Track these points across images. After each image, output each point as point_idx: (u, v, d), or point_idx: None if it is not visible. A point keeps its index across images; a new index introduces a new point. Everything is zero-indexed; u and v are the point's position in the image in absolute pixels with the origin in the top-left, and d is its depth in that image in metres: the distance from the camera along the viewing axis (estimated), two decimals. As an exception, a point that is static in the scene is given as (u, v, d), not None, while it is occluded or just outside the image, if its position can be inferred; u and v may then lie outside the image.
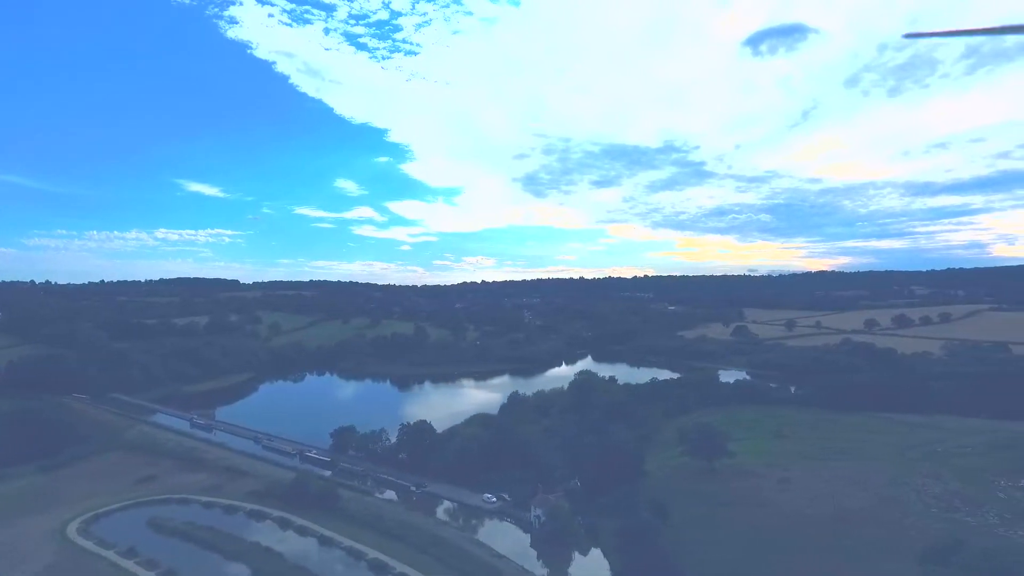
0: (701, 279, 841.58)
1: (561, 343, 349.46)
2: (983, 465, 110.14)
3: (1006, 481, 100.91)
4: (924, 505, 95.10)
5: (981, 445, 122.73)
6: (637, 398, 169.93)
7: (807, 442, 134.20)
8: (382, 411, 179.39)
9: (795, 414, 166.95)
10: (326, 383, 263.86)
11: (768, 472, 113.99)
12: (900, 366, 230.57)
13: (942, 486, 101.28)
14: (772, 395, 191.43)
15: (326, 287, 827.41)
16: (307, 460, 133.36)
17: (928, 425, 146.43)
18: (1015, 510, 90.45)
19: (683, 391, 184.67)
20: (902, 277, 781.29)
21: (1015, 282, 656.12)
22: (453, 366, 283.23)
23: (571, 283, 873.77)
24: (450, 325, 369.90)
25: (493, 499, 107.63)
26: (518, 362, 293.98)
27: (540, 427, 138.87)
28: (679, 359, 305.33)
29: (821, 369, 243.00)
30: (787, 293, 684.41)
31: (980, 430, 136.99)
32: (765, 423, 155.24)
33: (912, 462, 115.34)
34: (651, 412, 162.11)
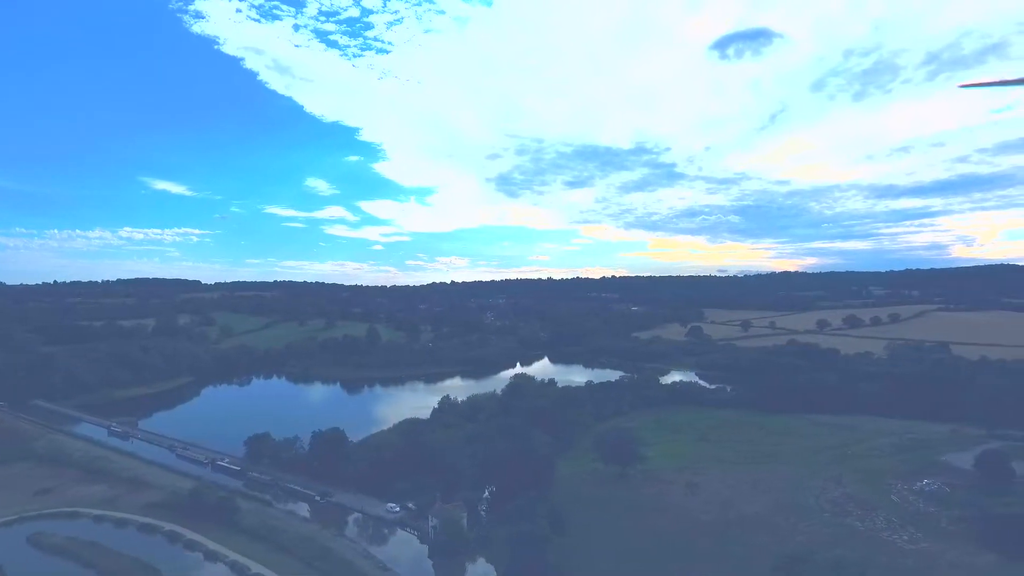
0: (667, 280, 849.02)
1: (516, 345, 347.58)
2: (886, 467, 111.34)
3: (902, 484, 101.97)
4: (819, 510, 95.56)
5: (889, 447, 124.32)
6: (568, 402, 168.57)
7: (727, 445, 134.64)
8: (316, 416, 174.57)
9: (726, 416, 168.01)
10: (270, 387, 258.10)
11: (678, 477, 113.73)
12: (838, 367, 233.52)
13: (841, 490, 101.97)
14: (708, 397, 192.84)
15: (292, 288, 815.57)
16: (219, 469, 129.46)
17: (848, 427, 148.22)
18: (903, 514, 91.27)
19: (619, 394, 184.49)
20: (863, 278, 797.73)
21: (970, 282, 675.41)
22: (403, 368, 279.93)
23: (540, 284, 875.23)
24: (406, 327, 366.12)
25: (396, 508, 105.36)
26: (470, 364, 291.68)
27: (463, 433, 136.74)
28: (631, 360, 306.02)
29: (764, 370, 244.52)
30: (751, 294, 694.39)
31: (894, 431, 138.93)
32: (694, 425, 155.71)
33: (821, 465, 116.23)
34: (582, 415, 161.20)
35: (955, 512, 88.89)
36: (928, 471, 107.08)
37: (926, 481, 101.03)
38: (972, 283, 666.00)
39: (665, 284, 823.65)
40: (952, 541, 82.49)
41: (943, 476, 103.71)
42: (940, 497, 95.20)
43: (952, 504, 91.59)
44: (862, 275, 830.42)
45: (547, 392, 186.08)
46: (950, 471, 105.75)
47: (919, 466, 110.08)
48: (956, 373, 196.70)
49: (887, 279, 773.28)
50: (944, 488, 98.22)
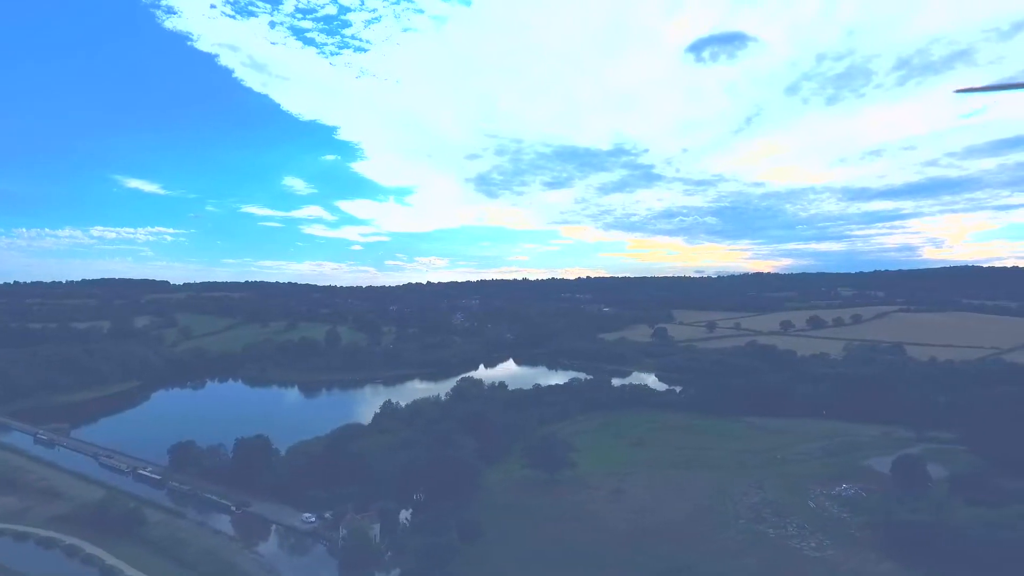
0: (642, 280, 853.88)
1: (480, 346, 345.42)
2: (810, 472, 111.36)
3: (822, 489, 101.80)
4: (735, 516, 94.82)
5: (818, 451, 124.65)
6: (513, 406, 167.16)
7: (662, 450, 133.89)
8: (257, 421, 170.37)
9: (671, 419, 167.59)
10: (222, 391, 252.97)
11: (605, 483, 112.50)
12: (791, 368, 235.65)
13: (761, 496, 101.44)
14: (657, 400, 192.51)
15: (264, 288, 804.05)
16: (140, 479, 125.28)
17: (784, 430, 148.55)
18: (816, 521, 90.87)
19: (566, 397, 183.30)
20: (834, 279, 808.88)
21: (934, 283, 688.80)
22: (362, 371, 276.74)
23: (515, 284, 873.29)
24: (368, 328, 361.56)
25: (312, 519, 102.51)
26: (431, 366, 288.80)
27: (398, 439, 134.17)
28: (593, 362, 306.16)
29: (718, 372, 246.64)
30: (723, 295, 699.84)
31: (829, 434, 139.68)
32: (636, 429, 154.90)
33: (749, 469, 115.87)
34: (526, 420, 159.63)
35: (865, 518, 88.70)
36: (849, 476, 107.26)
37: (844, 486, 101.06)
38: (937, 284, 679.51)
39: (639, 285, 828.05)
40: (857, 548, 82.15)
41: (862, 481, 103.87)
42: (855, 503, 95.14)
43: (864, 510, 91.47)
44: (833, 276, 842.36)
45: (496, 395, 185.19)
46: (870, 476, 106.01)
47: (842, 471, 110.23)
48: (900, 374, 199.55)
49: (856, 280, 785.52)
50: (860, 493, 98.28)
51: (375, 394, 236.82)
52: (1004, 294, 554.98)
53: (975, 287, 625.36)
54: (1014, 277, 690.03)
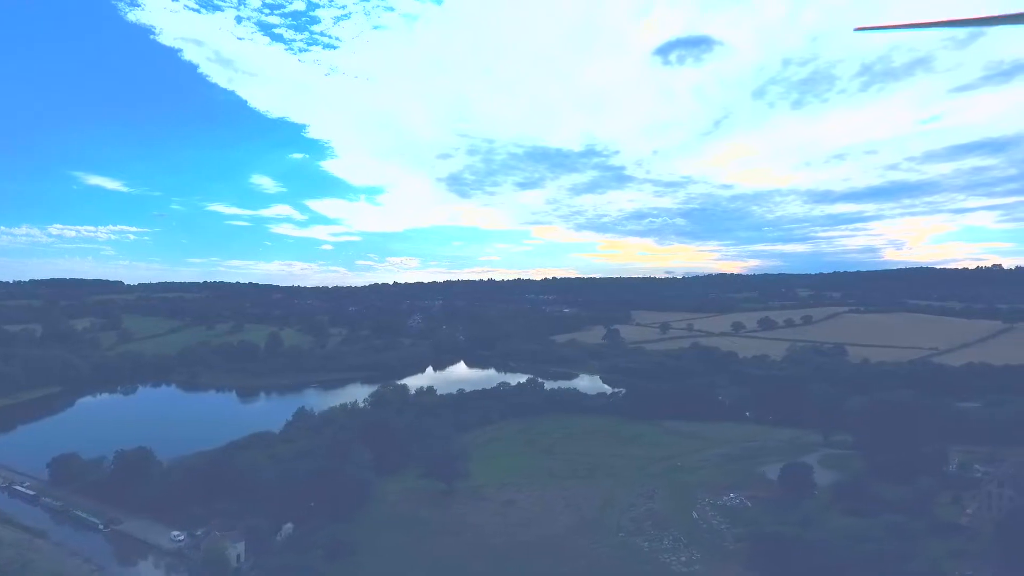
0: (608, 281, 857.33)
1: (430, 349, 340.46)
2: (705, 480, 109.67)
3: (710, 498, 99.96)
4: (616, 529, 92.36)
5: (720, 457, 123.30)
6: (432, 411, 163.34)
7: (569, 458, 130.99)
8: (166, 430, 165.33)
9: (592, 424, 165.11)
10: (153, 397, 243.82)
11: (499, 495, 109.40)
12: (728, 370, 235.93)
13: (647, 506, 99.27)
14: (586, 403, 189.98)
15: (223, 288, 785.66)
16: (15, 494, 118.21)
17: (698, 434, 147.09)
18: (694, 532, 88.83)
19: (491, 402, 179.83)
20: (796, 280, 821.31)
21: (889, 284, 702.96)
22: (301, 375, 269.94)
23: (482, 285, 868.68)
24: (315, 331, 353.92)
25: (182, 537, 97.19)
26: (373, 370, 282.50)
27: (296, 449, 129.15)
28: (540, 364, 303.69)
29: (659, 374, 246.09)
30: (687, 295, 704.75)
31: (739, 438, 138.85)
32: (551, 435, 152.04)
33: (646, 478, 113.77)
34: (443, 426, 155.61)
35: (741, 530, 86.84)
36: (742, 484, 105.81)
37: (731, 495, 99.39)
38: (893, 285, 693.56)
39: (605, 286, 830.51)
40: (725, 562, 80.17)
41: (752, 489, 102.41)
42: (736, 513, 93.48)
43: (743, 521, 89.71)
44: (795, 277, 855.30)
45: (421, 401, 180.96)
46: (761, 483, 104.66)
47: (736, 478, 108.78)
48: (822, 377, 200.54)
49: (817, 281, 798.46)
50: (745, 503, 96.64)
51: (306, 399, 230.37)
52: (956, 295, 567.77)
53: (930, 288, 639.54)
54: (967, 278, 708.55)
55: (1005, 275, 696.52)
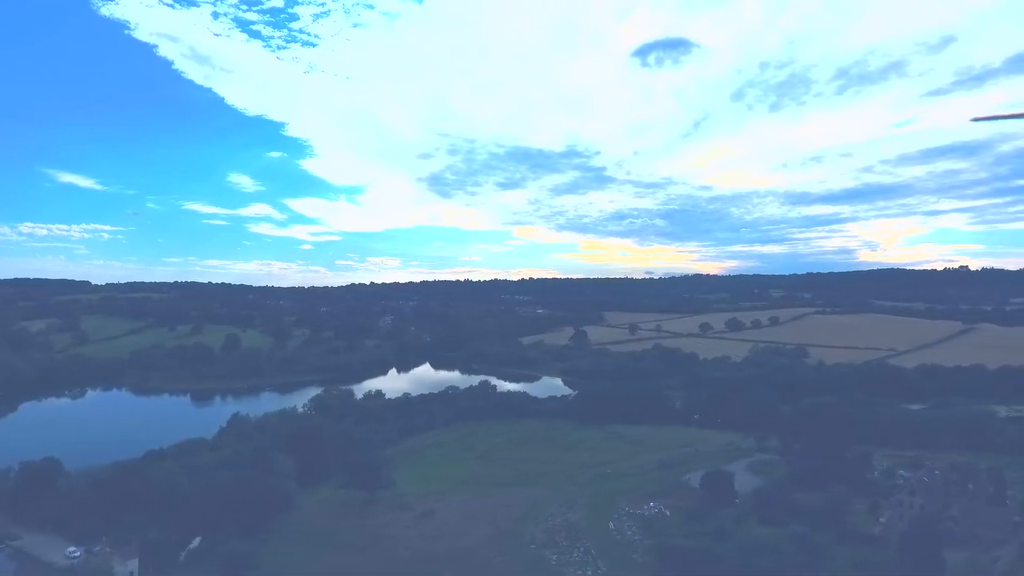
0: (586, 282, 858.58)
1: (394, 350, 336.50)
2: (631, 487, 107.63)
3: (631, 507, 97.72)
4: (529, 541, 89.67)
5: (653, 464, 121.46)
6: (374, 416, 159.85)
7: (502, 465, 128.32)
8: (102, 435, 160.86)
9: (536, 428, 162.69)
10: (102, 401, 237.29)
11: (421, 504, 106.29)
12: (685, 372, 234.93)
13: (567, 516, 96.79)
14: (536, 407, 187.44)
15: (195, 288, 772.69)
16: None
17: (642, 439, 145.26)
18: (605, 544, 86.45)
19: (439, 406, 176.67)
20: (768, 280, 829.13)
21: (865, 285, 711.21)
22: (258, 377, 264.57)
23: (460, 285, 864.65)
24: (277, 332, 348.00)
25: (77, 553, 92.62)
26: (332, 372, 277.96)
27: (219, 458, 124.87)
28: (504, 366, 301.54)
29: (620, 376, 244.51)
30: (661, 295, 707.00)
31: (679, 443, 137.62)
32: (492, 440, 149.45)
33: (574, 486, 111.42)
34: (384, 432, 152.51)
35: (653, 541, 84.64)
36: (666, 491, 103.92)
37: (651, 504, 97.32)
38: (865, 286, 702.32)
39: (582, 286, 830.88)
40: (630, 575, 77.92)
41: (675, 497, 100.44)
42: (653, 523, 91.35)
43: (656, 532, 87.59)
44: (772, 278, 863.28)
45: (365, 405, 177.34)
46: (685, 491, 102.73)
47: (663, 486, 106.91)
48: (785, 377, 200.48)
49: (790, 282, 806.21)
50: (664, 512, 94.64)
51: (257, 403, 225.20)
52: (923, 296, 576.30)
53: (901, 289, 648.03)
54: (935, 279, 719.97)
55: (971, 276, 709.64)
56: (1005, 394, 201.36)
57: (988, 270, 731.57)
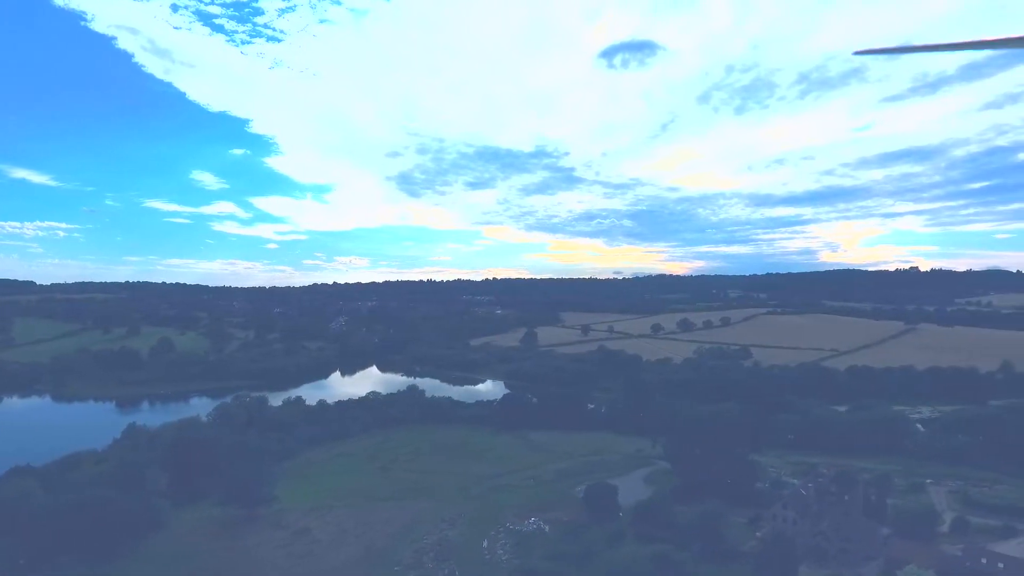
0: (551, 282, 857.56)
1: (337, 353, 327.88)
2: (521, 500, 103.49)
3: (512, 523, 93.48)
4: (397, 561, 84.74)
5: (553, 474, 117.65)
6: (285, 427, 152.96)
7: (400, 476, 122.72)
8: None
9: (450, 436, 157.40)
10: (16, 409, 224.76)
11: (300, 521, 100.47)
12: (622, 374, 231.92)
13: (444, 533, 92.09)
14: (462, 413, 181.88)
15: (147, 288, 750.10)
16: None
17: (553, 447, 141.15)
18: (472, 564, 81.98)
19: (359, 413, 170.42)
20: (727, 281, 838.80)
21: (815, 285, 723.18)
22: (187, 383, 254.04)
23: (422, 285, 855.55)
24: (216, 335, 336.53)
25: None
26: (267, 376, 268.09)
27: (99, 473, 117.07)
28: (447, 369, 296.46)
29: (559, 378, 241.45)
30: (623, 295, 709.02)
31: (592, 450, 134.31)
32: (401, 450, 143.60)
33: (463, 499, 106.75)
34: (294, 440, 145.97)
35: (519, 562, 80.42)
36: (555, 505, 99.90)
37: (533, 519, 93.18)
38: (821, 286, 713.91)
39: (545, 286, 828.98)
40: (486, 599, 73.58)
41: (560, 511, 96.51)
42: (529, 541, 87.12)
43: (526, 551, 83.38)
44: (734, 278, 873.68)
45: (278, 414, 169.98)
46: (572, 505, 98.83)
47: (553, 498, 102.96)
48: (714, 380, 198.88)
49: (752, 282, 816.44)
50: (543, 528, 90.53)
51: (169, 411, 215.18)
52: (873, 296, 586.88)
53: (857, 289, 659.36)
54: (888, 280, 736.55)
55: (921, 277, 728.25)
56: (931, 395, 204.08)
57: (937, 271, 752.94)
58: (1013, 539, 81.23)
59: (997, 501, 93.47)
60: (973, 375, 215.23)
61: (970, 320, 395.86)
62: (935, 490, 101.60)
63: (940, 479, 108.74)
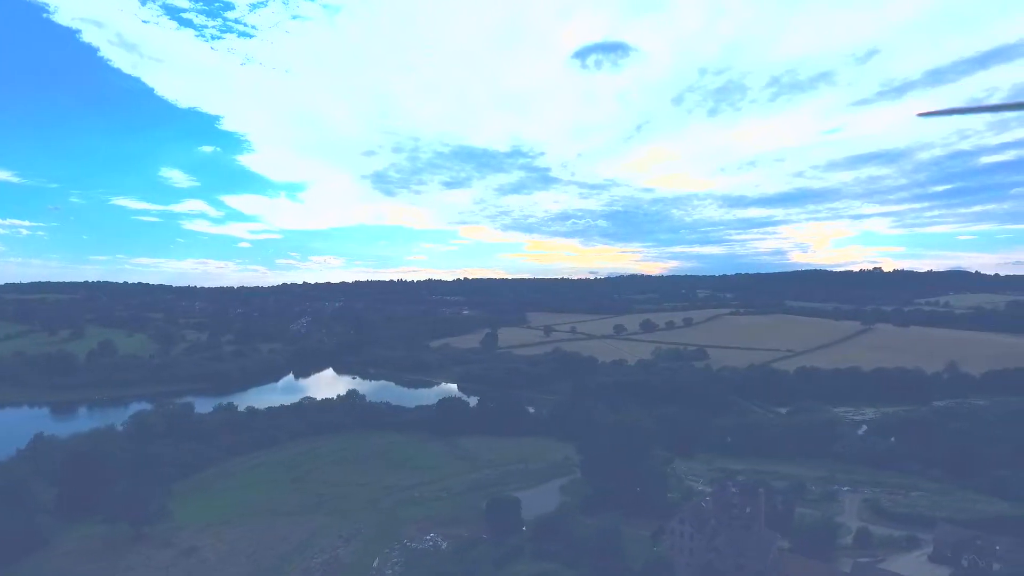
0: (518, 282, 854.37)
1: (289, 356, 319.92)
2: (427, 515, 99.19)
3: (411, 540, 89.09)
4: (279, 583, 79.90)
5: (468, 484, 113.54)
6: (206, 436, 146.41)
7: (312, 488, 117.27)
8: None
9: (376, 443, 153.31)
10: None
11: (190, 539, 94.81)
12: (575, 376, 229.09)
13: (336, 552, 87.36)
14: (398, 418, 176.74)
15: (107, 289, 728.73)
16: None
17: (477, 455, 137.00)
18: (356, 585, 77.53)
19: (285, 421, 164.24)
20: (701, 281, 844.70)
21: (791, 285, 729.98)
22: (123, 388, 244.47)
23: (393, 286, 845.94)
24: (165, 337, 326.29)
25: None
26: (213, 380, 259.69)
27: None
28: (401, 371, 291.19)
29: (511, 382, 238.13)
30: (594, 296, 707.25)
31: (521, 458, 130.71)
32: (322, 459, 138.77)
33: (371, 513, 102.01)
34: (213, 450, 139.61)
35: (404, 582, 76.17)
36: (461, 519, 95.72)
37: (431, 536, 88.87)
38: (788, 286, 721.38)
39: (517, 286, 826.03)
40: (359, 626, 69.09)
41: (461, 526, 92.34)
42: (422, 559, 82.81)
43: (414, 570, 79.11)
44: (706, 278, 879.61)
45: (201, 423, 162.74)
46: (476, 519, 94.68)
47: (459, 513, 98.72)
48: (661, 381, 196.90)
49: (722, 282, 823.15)
50: (440, 545, 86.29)
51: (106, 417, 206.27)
52: (836, 296, 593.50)
53: (823, 289, 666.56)
54: (852, 280, 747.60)
55: (884, 277, 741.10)
56: (877, 397, 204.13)
57: (899, 272, 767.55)
58: (915, 551, 79.31)
59: (907, 510, 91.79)
60: (918, 376, 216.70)
61: (926, 320, 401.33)
62: (850, 498, 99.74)
63: (859, 486, 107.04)
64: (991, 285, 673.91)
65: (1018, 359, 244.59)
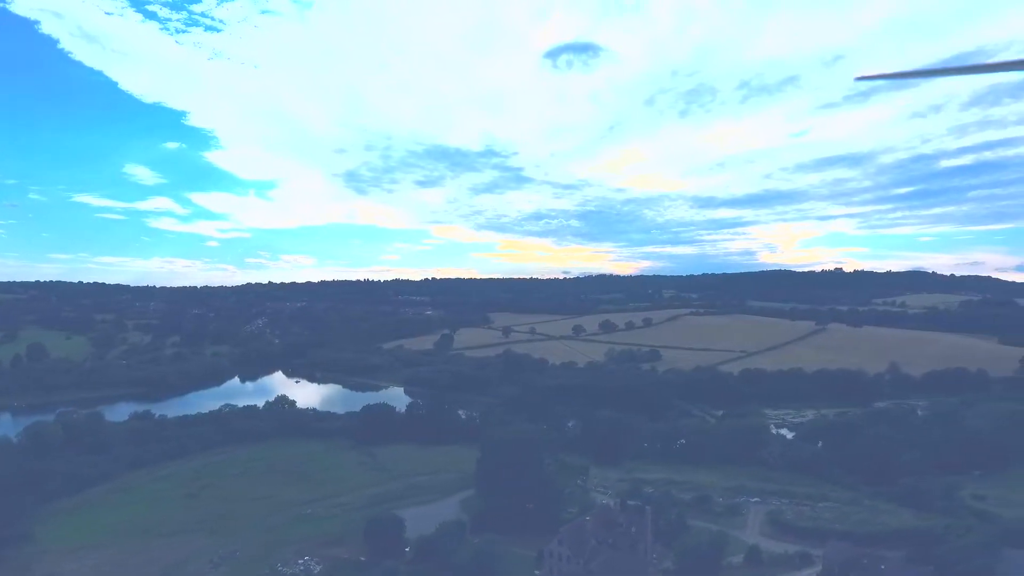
0: (486, 282, 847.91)
1: (234, 359, 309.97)
2: (310, 534, 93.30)
3: (284, 564, 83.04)
4: (127, 615, 73.25)
5: (369, 499, 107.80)
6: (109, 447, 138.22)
7: (204, 504, 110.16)
8: None
9: (289, 452, 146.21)
10: None
11: (53, 564, 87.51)
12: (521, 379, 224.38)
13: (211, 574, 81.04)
14: (319, 426, 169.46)
15: (57, 289, 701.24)
16: None
17: (393, 467, 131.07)
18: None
19: (206, 428, 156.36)
20: (670, 281, 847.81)
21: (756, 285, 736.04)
22: (49, 394, 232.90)
23: (360, 285, 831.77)
24: (103, 340, 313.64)
25: None
26: (142, 385, 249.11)
27: None
28: (349, 374, 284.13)
29: (458, 385, 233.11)
30: (561, 296, 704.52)
31: (429, 469, 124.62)
32: (226, 471, 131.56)
33: (252, 534, 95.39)
34: (110, 463, 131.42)
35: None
36: (342, 539, 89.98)
37: (304, 559, 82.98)
38: (751, 286, 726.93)
39: (484, 286, 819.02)
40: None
41: (343, 547, 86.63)
42: (288, 584, 76.91)
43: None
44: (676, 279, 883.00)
45: (113, 432, 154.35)
46: (360, 538, 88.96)
47: (345, 531, 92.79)
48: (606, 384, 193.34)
49: (690, 282, 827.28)
50: (312, 569, 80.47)
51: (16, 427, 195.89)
52: (801, 296, 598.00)
53: (783, 290, 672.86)
54: (815, 280, 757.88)
55: (846, 277, 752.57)
56: (819, 398, 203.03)
57: (859, 272, 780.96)
58: (805, 569, 75.99)
59: (810, 524, 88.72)
60: (859, 377, 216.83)
61: (879, 320, 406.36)
62: (755, 511, 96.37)
63: (768, 497, 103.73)
64: (946, 285, 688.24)
65: (962, 359, 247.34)
